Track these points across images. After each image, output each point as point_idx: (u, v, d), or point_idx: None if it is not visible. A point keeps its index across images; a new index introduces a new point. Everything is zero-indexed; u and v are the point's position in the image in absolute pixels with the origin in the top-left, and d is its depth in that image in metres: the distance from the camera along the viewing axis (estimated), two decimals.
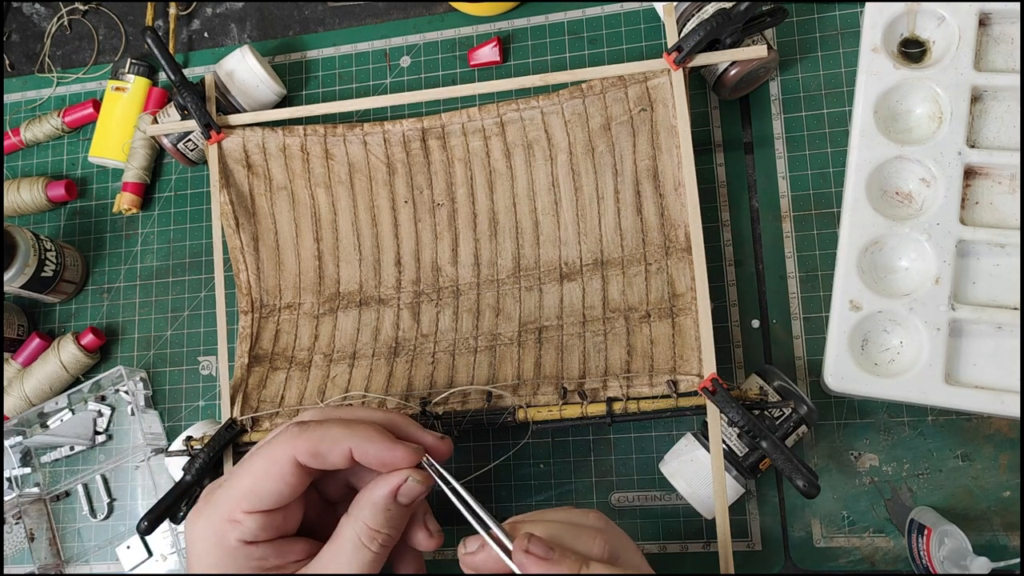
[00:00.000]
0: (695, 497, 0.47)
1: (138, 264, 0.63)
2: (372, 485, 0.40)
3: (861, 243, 0.47)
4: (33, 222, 0.66)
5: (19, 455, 0.60)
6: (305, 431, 0.39)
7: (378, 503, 0.39)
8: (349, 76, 0.63)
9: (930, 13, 0.49)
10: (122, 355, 0.62)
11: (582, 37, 0.59)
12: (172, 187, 0.64)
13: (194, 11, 0.68)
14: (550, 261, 0.53)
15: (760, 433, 0.43)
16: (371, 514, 0.39)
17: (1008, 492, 0.48)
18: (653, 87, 0.50)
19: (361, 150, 0.55)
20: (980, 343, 0.46)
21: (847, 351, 0.46)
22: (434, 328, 0.53)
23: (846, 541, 0.49)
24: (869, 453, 0.50)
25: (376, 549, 0.39)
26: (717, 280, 0.54)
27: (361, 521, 0.39)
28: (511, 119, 0.53)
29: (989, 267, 0.47)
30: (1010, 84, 0.46)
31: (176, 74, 0.56)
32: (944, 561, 0.43)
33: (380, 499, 0.39)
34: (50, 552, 0.59)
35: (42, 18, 0.71)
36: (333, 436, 0.39)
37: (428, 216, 0.55)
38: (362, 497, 0.40)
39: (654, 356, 0.48)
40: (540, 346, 0.51)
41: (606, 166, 0.52)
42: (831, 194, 0.53)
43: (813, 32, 0.55)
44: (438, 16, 0.62)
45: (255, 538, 0.39)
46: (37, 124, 0.66)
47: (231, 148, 0.56)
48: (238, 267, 0.56)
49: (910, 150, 0.47)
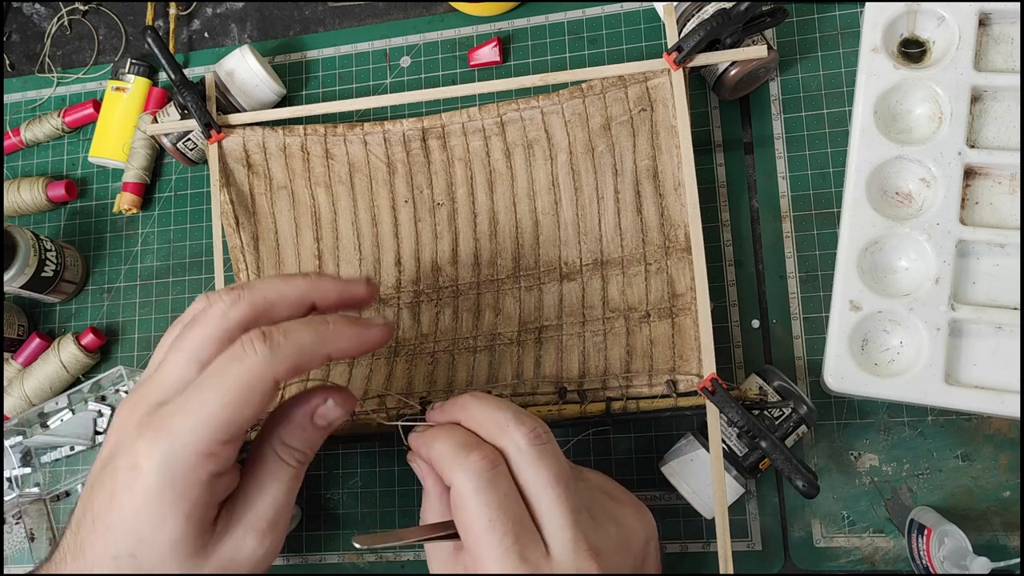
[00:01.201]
0: (695, 497, 0.47)
1: (138, 264, 0.63)
2: (290, 402, 0.39)
3: (861, 243, 0.47)
4: (33, 222, 0.66)
5: (19, 455, 0.60)
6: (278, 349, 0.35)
7: (295, 420, 0.39)
8: (349, 76, 0.63)
9: (930, 13, 0.49)
10: (122, 355, 0.62)
11: (582, 37, 0.59)
12: (172, 187, 0.64)
13: (194, 11, 0.68)
14: (550, 261, 0.53)
15: (760, 433, 0.43)
16: (287, 431, 0.39)
17: (1008, 492, 0.48)
18: (653, 87, 0.50)
19: (361, 150, 0.55)
20: (980, 343, 0.46)
21: (847, 351, 0.46)
22: (434, 328, 0.53)
23: (846, 541, 0.49)
24: (869, 453, 0.50)
25: (295, 464, 0.39)
26: (717, 280, 0.54)
27: (278, 438, 0.39)
28: (511, 119, 0.53)
29: (989, 267, 0.47)
30: (1010, 84, 0.46)
31: (176, 73, 0.56)
32: (944, 561, 0.43)
33: (297, 417, 0.39)
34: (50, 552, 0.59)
35: (42, 18, 0.71)
36: (310, 348, 0.36)
37: (428, 216, 0.55)
38: (277, 415, 0.39)
39: (654, 356, 0.48)
40: (540, 346, 0.51)
41: (606, 166, 0.52)
42: (831, 194, 0.53)
43: (813, 32, 0.55)
44: (438, 16, 0.62)
45: (225, 469, 0.36)
46: (37, 124, 0.66)
47: (231, 147, 0.56)
48: (238, 267, 0.56)
49: (910, 150, 0.47)
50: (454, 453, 0.38)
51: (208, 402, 0.35)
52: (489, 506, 0.37)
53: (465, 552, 0.38)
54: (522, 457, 0.38)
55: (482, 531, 0.37)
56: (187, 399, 0.35)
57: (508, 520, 0.37)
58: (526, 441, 0.39)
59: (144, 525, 0.35)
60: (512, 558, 0.36)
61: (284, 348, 0.36)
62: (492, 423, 0.40)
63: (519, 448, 0.38)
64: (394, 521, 0.55)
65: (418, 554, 0.54)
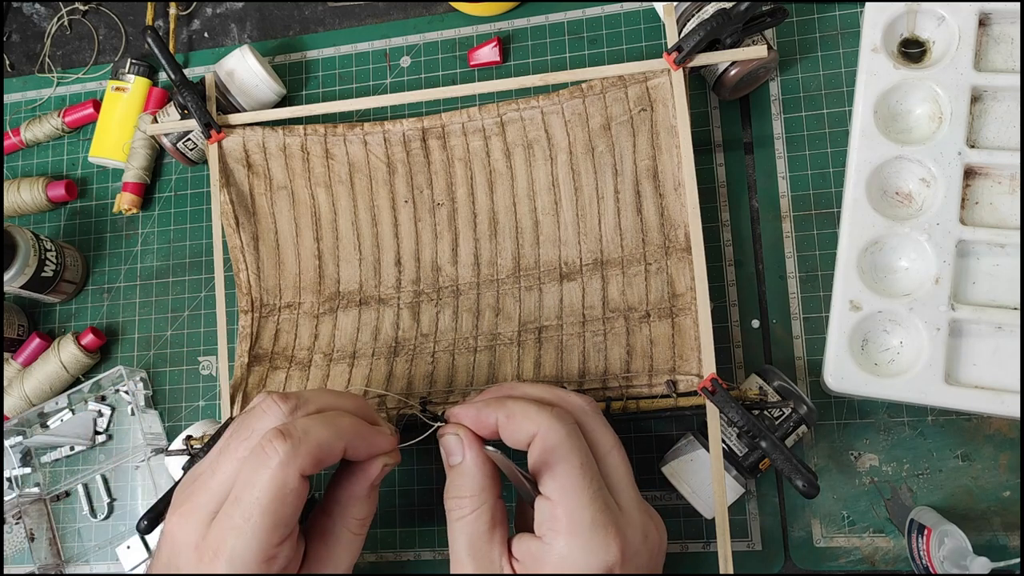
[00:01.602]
0: (695, 497, 0.47)
1: (138, 264, 0.63)
2: (352, 482, 0.42)
3: (861, 243, 0.47)
4: (33, 222, 0.66)
5: (19, 455, 0.60)
6: (299, 445, 0.38)
7: (361, 496, 0.41)
8: (349, 76, 0.63)
9: (930, 13, 0.49)
10: (122, 355, 0.62)
11: (582, 37, 0.59)
12: (172, 187, 0.64)
13: (194, 11, 0.68)
14: (550, 261, 0.53)
15: (760, 433, 0.43)
16: (358, 508, 0.41)
17: (1008, 492, 0.48)
18: (653, 87, 0.50)
19: (361, 150, 0.55)
20: (980, 343, 0.46)
21: (847, 351, 0.46)
22: (434, 328, 0.53)
23: (846, 541, 0.49)
24: (869, 453, 0.50)
25: (364, 532, 0.42)
26: (717, 280, 0.54)
27: (350, 517, 0.41)
28: (511, 119, 0.53)
29: (989, 267, 0.47)
30: (1010, 84, 0.46)
31: (176, 73, 0.56)
32: (944, 561, 0.43)
33: (363, 491, 0.41)
34: (50, 552, 0.59)
35: (42, 18, 0.71)
36: (328, 443, 0.39)
37: (428, 216, 0.55)
38: (343, 495, 0.42)
39: (654, 356, 0.48)
40: (540, 346, 0.51)
41: (606, 166, 0.52)
42: (831, 194, 0.53)
43: (813, 32, 0.55)
44: (438, 16, 0.62)
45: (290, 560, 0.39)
46: (37, 124, 0.66)
47: (231, 147, 0.56)
48: (238, 267, 0.56)
49: (910, 150, 0.47)
50: (537, 407, 0.40)
51: (250, 514, 0.37)
52: (582, 451, 0.39)
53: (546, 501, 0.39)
54: (589, 419, 0.41)
55: (575, 474, 0.38)
56: (230, 516, 0.37)
57: (594, 469, 0.39)
58: (591, 407, 0.42)
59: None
60: (599, 502, 0.38)
61: (304, 444, 0.38)
62: (552, 395, 0.42)
63: (585, 412, 0.41)
64: (395, 520, 0.55)
65: (418, 554, 0.54)
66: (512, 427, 0.41)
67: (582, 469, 0.38)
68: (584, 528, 0.37)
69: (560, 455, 0.38)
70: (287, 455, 0.37)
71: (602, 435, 0.41)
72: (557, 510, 0.38)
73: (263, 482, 0.37)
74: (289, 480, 0.37)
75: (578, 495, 0.38)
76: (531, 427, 0.40)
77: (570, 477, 0.38)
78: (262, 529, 0.37)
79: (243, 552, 0.37)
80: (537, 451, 0.39)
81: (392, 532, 0.55)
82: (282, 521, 0.37)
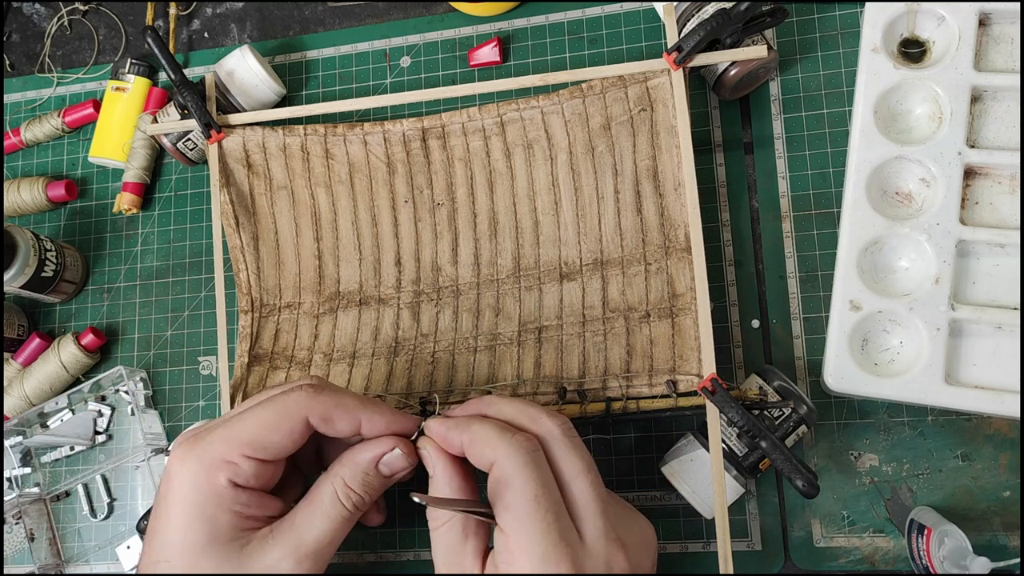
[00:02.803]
0: (695, 497, 0.47)
1: (138, 264, 0.63)
2: (359, 447, 0.42)
3: (861, 243, 0.47)
4: (33, 222, 0.66)
5: (19, 455, 0.60)
6: (321, 394, 0.39)
7: (360, 464, 0.41)
8: (349, 76, 0.63)
9: (930, 13, 0.49)
10: (122, 355, 0.62)
11: (582, 37, 0.59)
12: (172, 187, 0.64)
13: (194, 11, 0.68)
14: (550, 261, 0.53)
15: (760, 433, 0.43)
16: (351, 472, 0.41)
17: (1008, 492, 0.48)
18: (653, 87, 0.50)
19: (361, 150, 0.55)
20: (980, 343, 0.46)
21: (847, 351, 0.46)
22: (434, 328, 0.53)
23: (846, 541, 0.49)
24: (869, 453, 0.50)
25: (350, 507, 0.41)
26: (717, 280, 0.54)
27: (340, 477, 0.41)
28: (511, 119, 0.53)
29: (989, 267, 0.47)
30: (1010, 84, 0.46)
31: (176, 73, 0.56)
32: (944, 561, 0.43)
33: (363, 461, 0.41)
34: (50, 552, 0.59)
35: (42, 18, 0.71)
36: (347, 405, 0.40)
37: (428, 216, 0.55)
38: (346, 456, 0.42)
39: (654, 356, 0.48)
40: (540, 346, 0.51)
41: (606, 166, 0.52)
42: (831, 194, 0.53)
43: (813, 32, 0.55)
44: (438, 16, 0.62)
45: (246, 482, 0.39)
46: (37, 124, 0.66)
47: (231, 147, 0.56)
48: (238, 266, 0.56)
49: (910, 150, 0.47)
50: (498, 433, 0.39)
51: (242, 417, 0.39)
52: (536, 481, 0.38)
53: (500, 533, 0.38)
54: (557, 444, 0.40)
55: (527, 506, 0.37)
56: (228, 418, 0.40)
57: (551, 499, 0.38)
58: (560, 431, 0.40)
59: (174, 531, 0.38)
60: (553, 535, 0.37)
61: (326, 396, 0.39)
62: (524, 416, 0.41)
63: (554, 436, 0.40)
64: (395, 520, 0.55)
65: (418, 554, 0.54)
66: (474, 452, 0.40)
67: (536, 501, 0.37)
68: (535, 562, 0.36)
69: (514, 486, 0.37)
70: (308, 394, 0.39)
71: (569, 461, 0.39)
72: (510, 542, 0.37)
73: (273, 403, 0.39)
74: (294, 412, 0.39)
75: (530, 528, 0.37)
76: (490, 454, 0.39)
77: (523, 508, 0.37)
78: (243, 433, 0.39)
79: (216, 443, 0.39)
80: (492, 480, 0.39)
81: (392, 532, 0.55)
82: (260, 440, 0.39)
